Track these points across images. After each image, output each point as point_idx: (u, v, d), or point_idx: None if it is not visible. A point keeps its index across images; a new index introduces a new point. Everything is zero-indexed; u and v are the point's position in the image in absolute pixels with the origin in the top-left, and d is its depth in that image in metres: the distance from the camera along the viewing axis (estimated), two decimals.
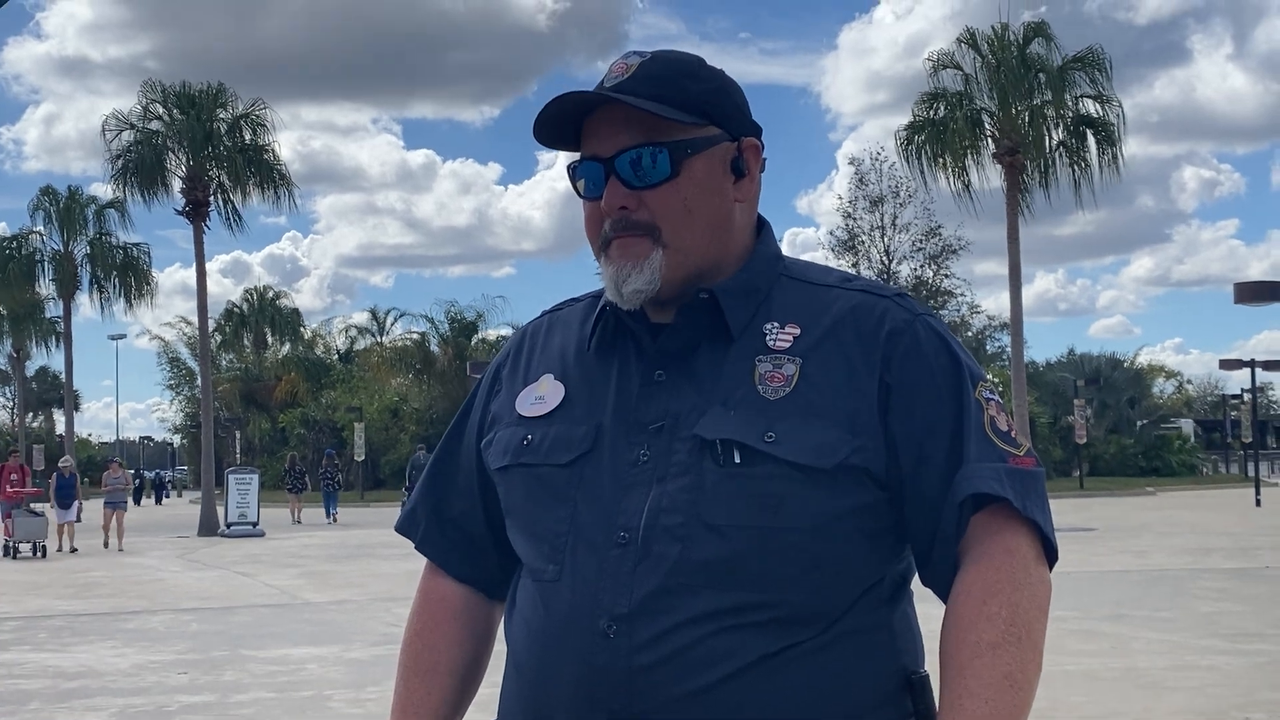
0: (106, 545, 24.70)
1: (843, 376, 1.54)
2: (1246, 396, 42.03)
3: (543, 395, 1.68)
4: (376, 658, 9.91)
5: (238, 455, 53.19)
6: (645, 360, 1.60)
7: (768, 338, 1.58)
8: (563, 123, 1.59)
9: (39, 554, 22.63)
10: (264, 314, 67.19)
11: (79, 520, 25.03)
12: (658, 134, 1.55)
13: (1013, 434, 1.57)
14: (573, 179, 1.61)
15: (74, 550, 23.73)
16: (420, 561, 1.84)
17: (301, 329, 69.03)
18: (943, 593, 1.53)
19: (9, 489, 24.38)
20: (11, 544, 22.61)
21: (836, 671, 1.51)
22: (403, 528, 1.86)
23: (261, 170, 34.50)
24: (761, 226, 1.69)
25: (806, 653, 1.49)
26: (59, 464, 28.31)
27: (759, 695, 1.48)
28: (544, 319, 1.81)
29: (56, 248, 43.96)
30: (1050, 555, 1.53)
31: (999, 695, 1.41)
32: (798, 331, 1.58)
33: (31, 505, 24.84)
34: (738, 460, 1.51)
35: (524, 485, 1.63)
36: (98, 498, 28.20)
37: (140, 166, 33.52)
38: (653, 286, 1.55)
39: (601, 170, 1.56)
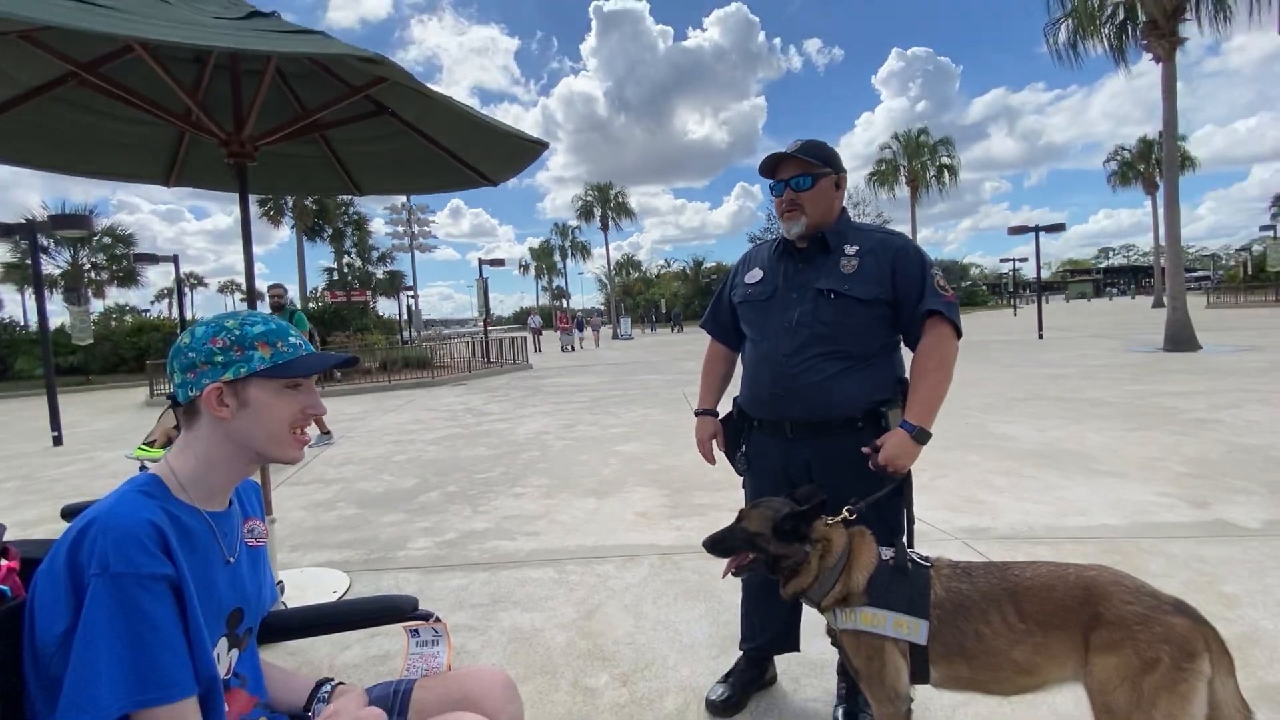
0: (597, 345, 41.28)
1: (876, 267, 2.61)
2: (1009, 274, 71.51)
3: (755, 275, 2.81)
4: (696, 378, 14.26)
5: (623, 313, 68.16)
6: (796, 261, 2.67)
7: (846, 250, 2.64)
8: (768, 166, 2.75)
9: (572, 350, 36.78)
10: None
11: (583, 336, 41.74)
12: (808, 170, 2.63)
13: (947, 287, 2.59)
14: (771, 189, 2.71)
15: (580, 348, 38.07)
16: (707, 339, 3.15)
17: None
18: (913, 348, 2.60)
19: (561, 325, 42.04)
20: (564, 346, 38.35)
21: (873, 378, 2.58)
22: (704, 325, 3.08)
23: (626, 213, 65.25)
24: (843, 209, 2.73)
25: (859, 370, 2.57)
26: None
27: (839, 386, 2.56)
28: (753, 247, 2.90)
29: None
30: (959, 335, 2.61)
31: (933, 388, 2.53)
32: (859, 248, 2.64)
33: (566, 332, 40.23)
34: (833, 297, 2.56)
35: (749, 308, 2.78)
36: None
37: (583, 215, 63.46)
38: (801, 232, 2.65)
39: (784, 185, 2.70)
